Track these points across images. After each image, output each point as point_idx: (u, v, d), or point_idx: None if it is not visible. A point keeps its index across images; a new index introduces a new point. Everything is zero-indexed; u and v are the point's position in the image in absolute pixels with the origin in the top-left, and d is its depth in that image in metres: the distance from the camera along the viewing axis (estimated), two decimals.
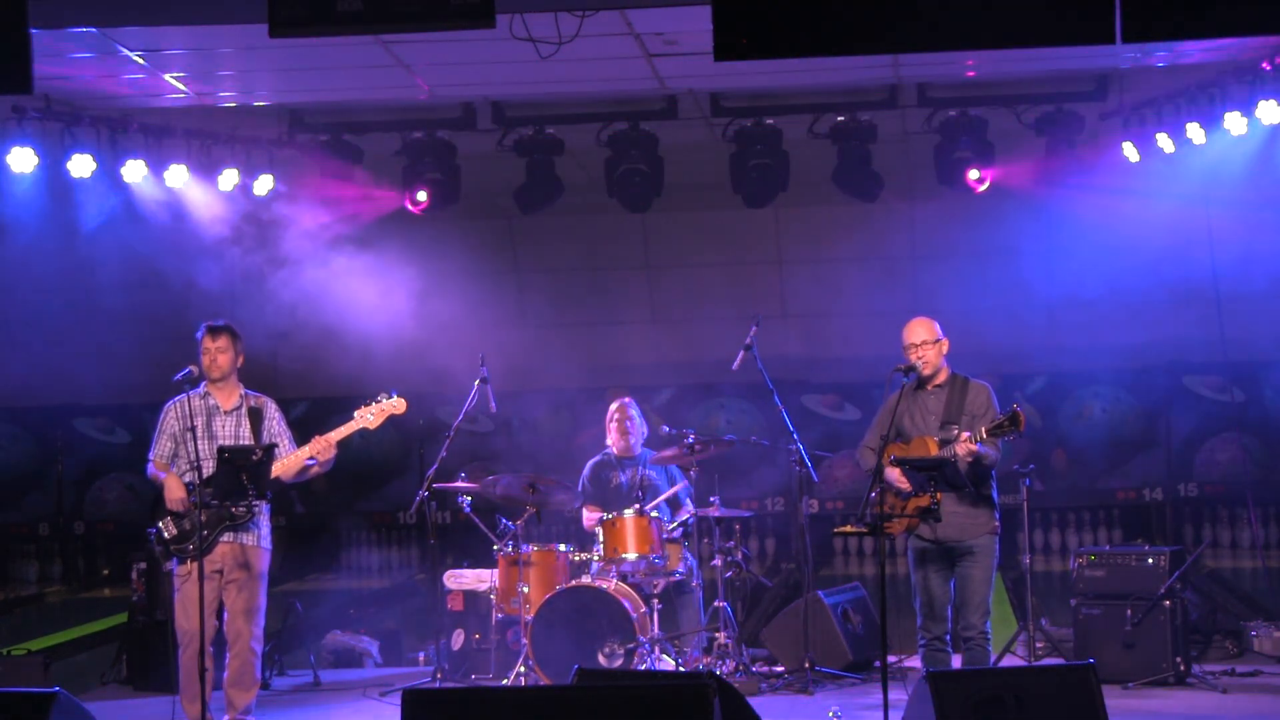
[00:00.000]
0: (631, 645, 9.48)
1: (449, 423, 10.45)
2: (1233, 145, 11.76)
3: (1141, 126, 12.36)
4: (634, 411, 10.64)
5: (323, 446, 8.62)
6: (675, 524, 10.15)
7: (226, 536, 8.50)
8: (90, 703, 7.91)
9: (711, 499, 10.03)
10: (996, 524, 8.61)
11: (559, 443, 15.83)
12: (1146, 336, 15.15)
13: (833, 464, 15.17)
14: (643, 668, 9.44)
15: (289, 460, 8.66)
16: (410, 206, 13.14)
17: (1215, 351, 13.64)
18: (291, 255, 14.33)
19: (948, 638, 8.72)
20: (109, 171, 12.27)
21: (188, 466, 8.53)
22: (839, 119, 12.64)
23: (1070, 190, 13.13)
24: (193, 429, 8.45)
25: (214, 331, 8.76)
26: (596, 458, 10.74)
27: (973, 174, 12.61)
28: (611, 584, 9.76)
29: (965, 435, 8.32)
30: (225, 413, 8.69)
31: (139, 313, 15.59)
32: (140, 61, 11.17)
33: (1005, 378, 15.20)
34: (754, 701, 6.72)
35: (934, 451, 8.42)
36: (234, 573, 8.54)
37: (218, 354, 8.69)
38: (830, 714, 8.67)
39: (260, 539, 8.61)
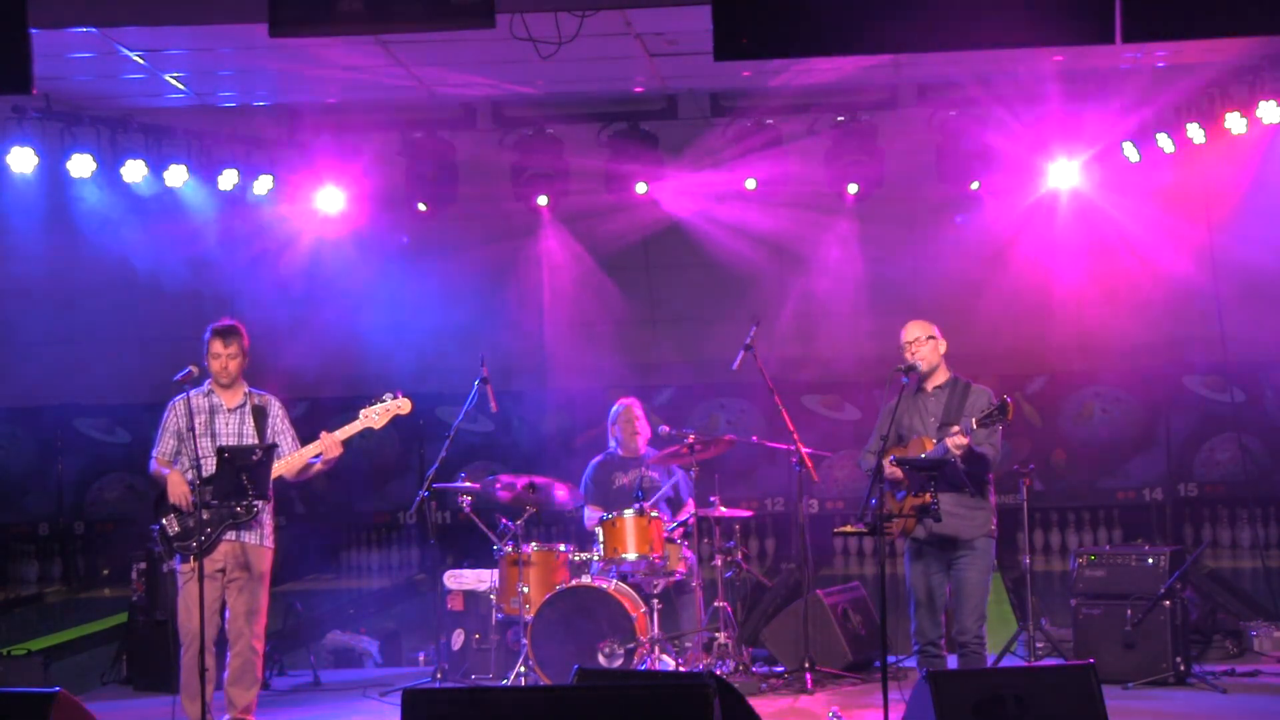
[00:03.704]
0: (631, 645, 9.48)
1: (449, 423, 10.44)
2: (1233, 145, 11.76)
3: (1141, 126, 12.36)
4: (639, 411, 10.65)
5: (329, 444, 8.62)
6: (676, 524, 10.15)
7: (229, 535, 8.50)
8: (90, 703, 7.90)
9: (711, 499, 10.03)
10: (993, 527, 8.61)
11: (559, 443, 15.81)
12: (1146, 336, 15.14)
13: (833, 464, 15.16)
14: (643, 668, 9.43)
15: (292, 459, 8.66)
16: (423, 207, 13.16)
17: (1215, 351, 13.61)
18: (291, 255, 14.36)
19: (942, 642, 8.72)
20: (109, 171, 12.28)
21: (189, 464, 8.53)
22: (839, 119, 12.65)
23: (1070, 190, 13.14)
24: (192, 428, 8.44)
25: (224, 336, 8.67)
26: (599, 457, 10.74)
27: (974, 184, 12.73)
28: (611, 584, 9.76)
29: (957, 429, 8.33)
30: (228, 411, 8.68)
31: (139, 312, 15.59)
32: (140, 61, 11.17)
33: (1005, 378, 15.18)
34: (754, 701, 6.72)
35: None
36: (235, 572, 8.53)
37: (229, 360, 8.66)
38: (830, 714, 8.67)
39: (263, 537, 8.60)
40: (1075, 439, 16.20)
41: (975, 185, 12.90)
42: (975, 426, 8.29)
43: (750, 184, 13.14)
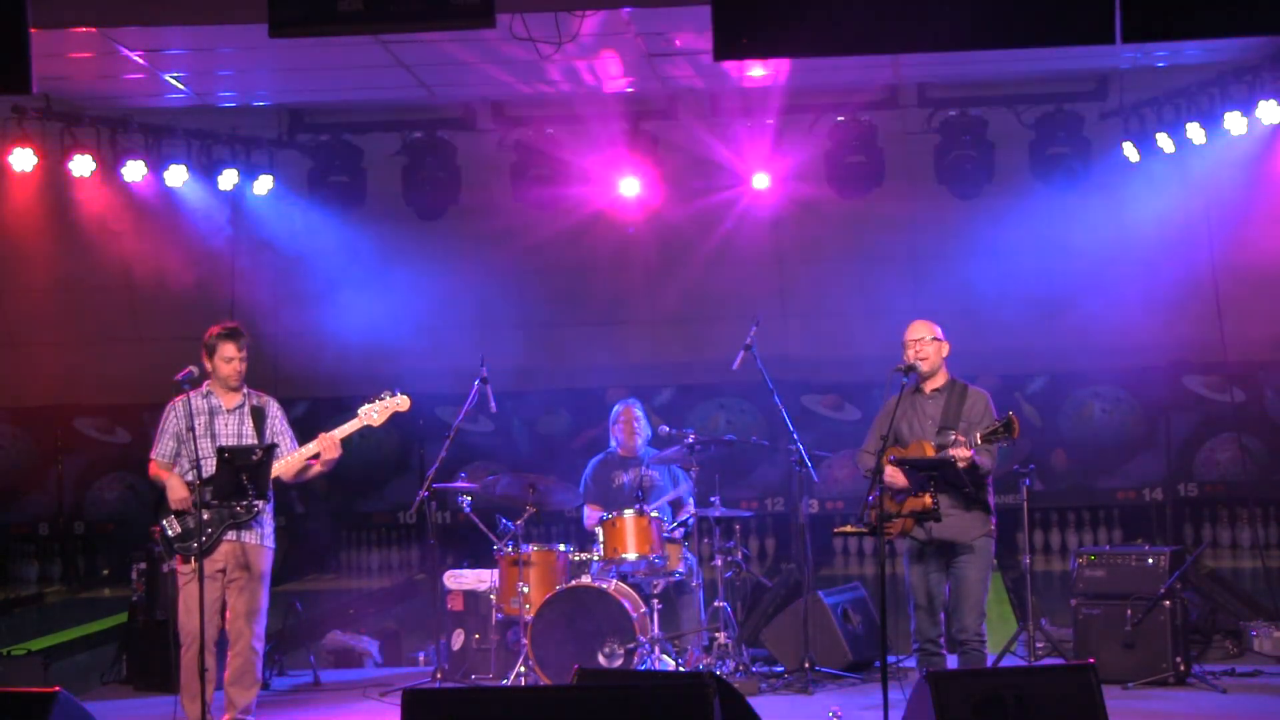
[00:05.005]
0: (631, 645, 9.48)
1: (449, 423, 10.44)
2: (1233, 145, 11.77)
3: (1141, 126, 12.37)
4: (639, 412, 10.66)
5: (329, 444, 8.60)
6: (675, 524, 10.15)
7: (230, 535, 8.50)
8: (90, 703, 7.91)
9: (711, 499, 10.03)
10: (992, 527, 8.62)
11: (559, 443, 15.81)
12: (1146, 336, 15.13)
13: (833, 464, 15.15)
14: (643, 668, 9.43)
15: (291, 459, 8.65)
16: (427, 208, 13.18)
17: (1215, 351, 13.61)
18: (291, 255, 14.35)
19: (942, 641, 8.72)
20: (109, 171, 12.29)
21: (189, 466, 8.52)
22: (838, 119, 12.65)
23: (1070, 190, 13.13)
24: (192, 429, 8.43)
25: (237, 338, 8.63)
26: (600, 457, 10.74)
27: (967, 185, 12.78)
28: (611, 584, 9.76)
29: (961, 440, 8.32)
30: (227, 411, 8.67)
31: (139, 312, 15.59)
32: (140, 61, 11.17)
33: (1005, 378, 15.17)
34: (754, 701, 6.72)
35: (931, 455, 8.42)
36: (236, 572, 8.53)
37: (241, 362, 8.65)
38: (830, 714, 8.67)
39: (263, 538, 8.60)
40: (1075, 439, 16.19)
41: (970, 186, 12.92)
42: (980, 441, 8.28)
43: (755, 183, 13.16)
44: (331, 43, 10.16)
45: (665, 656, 9.75)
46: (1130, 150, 12.43)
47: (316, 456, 8.65)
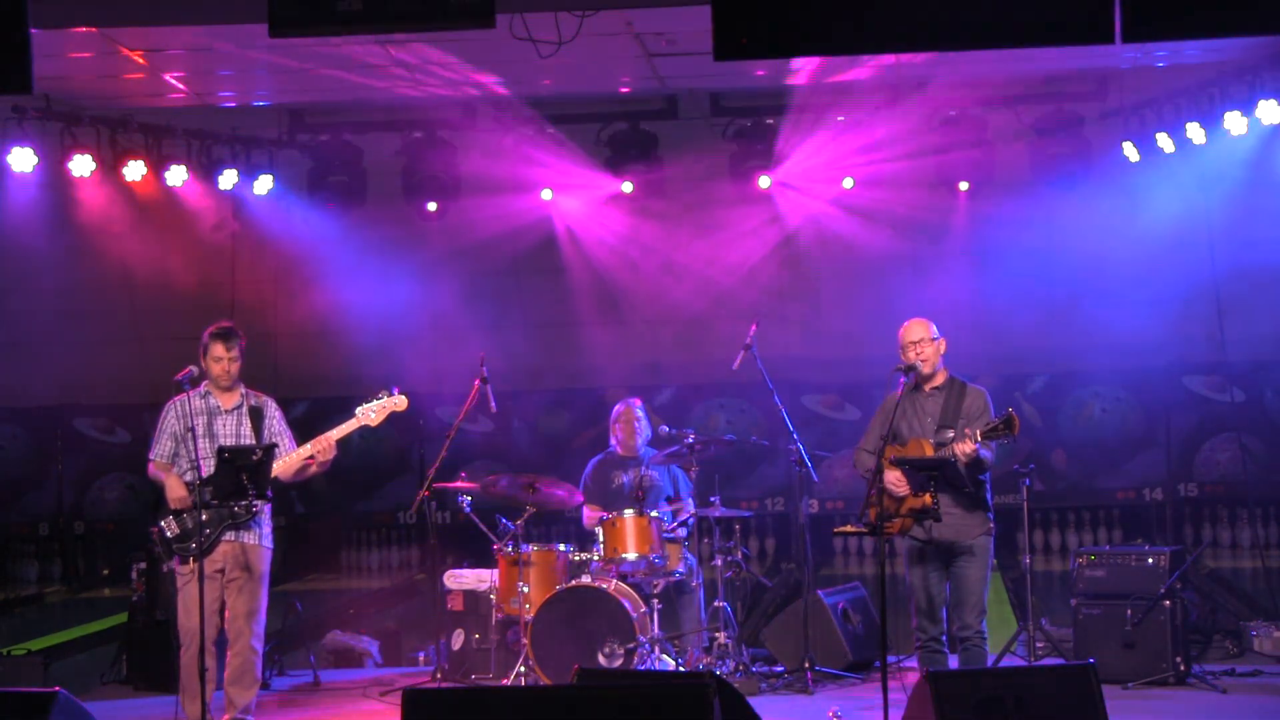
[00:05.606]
0: (631, 645, 9.47)
1: (449, 423, 10.44)
2: (1233, 145, 11.77)
3: (1141, 126, 12.38)
4: (640, 411, 10.65)
5: (324, 446, 8.59)
6: (676, 524, 10.14)
7: (229, 535, 8.49)
8: (90, 703, 7.89)
9: (711, 499, 10.02)
10: (991, 525, 8.61)
11: (559, 443, 15.81)
12: (1147, 336, 15.14)
13: (833, 464, 15.15)
14: (643, 668, 9.43)
15: (289, 460, 8.64)
16: (432, 206, 13.19)
17: (1215, 351, 13.62)
18: (291, 255, 14.36)
19: (944, 638, 8.72)
20: (109, 171, 12.30)
21: (188, 466, 8.52)
22: (839, 119, 12.65)
23: (1070, 190, 13.14)
24: (192, 429, 8.43)
25: (226, 338, 8.61)
26: (599, 456, 10.74)
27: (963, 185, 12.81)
28: (611, 584, 9.76)
29: (966, 433, 8.32)
30: (226, 412, 8.66)
31: (139, 313, 15.59)
32: (140, 61, 11.17)
33: (1005, 378, 15.18)
34: (754, 701, 6.72)
35: (929, 454, 8.42)
36: (235, 572, 8.52)
37: (230, 363, 8.63)
38: (830, 714, 8.67)
39: (262, 538, 8.59)
40: (1075, 439, 16.19)
41: (964, 186, 12.95)
42: (980, 438, 8.28)
43: (763, 182, 13.17)
44: (331, 43, 10.17)
45: (665, 656, 9.75)
46: (1130, 150, 12.43)
47: (313, 457, 8.64)
